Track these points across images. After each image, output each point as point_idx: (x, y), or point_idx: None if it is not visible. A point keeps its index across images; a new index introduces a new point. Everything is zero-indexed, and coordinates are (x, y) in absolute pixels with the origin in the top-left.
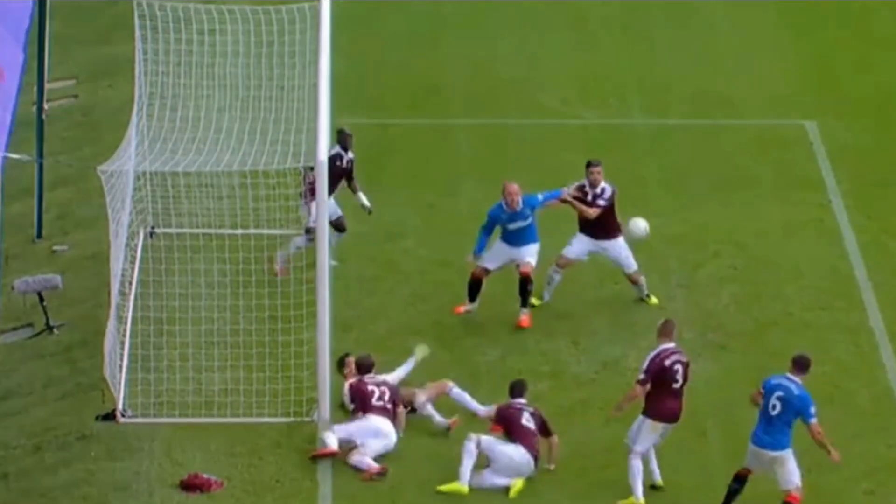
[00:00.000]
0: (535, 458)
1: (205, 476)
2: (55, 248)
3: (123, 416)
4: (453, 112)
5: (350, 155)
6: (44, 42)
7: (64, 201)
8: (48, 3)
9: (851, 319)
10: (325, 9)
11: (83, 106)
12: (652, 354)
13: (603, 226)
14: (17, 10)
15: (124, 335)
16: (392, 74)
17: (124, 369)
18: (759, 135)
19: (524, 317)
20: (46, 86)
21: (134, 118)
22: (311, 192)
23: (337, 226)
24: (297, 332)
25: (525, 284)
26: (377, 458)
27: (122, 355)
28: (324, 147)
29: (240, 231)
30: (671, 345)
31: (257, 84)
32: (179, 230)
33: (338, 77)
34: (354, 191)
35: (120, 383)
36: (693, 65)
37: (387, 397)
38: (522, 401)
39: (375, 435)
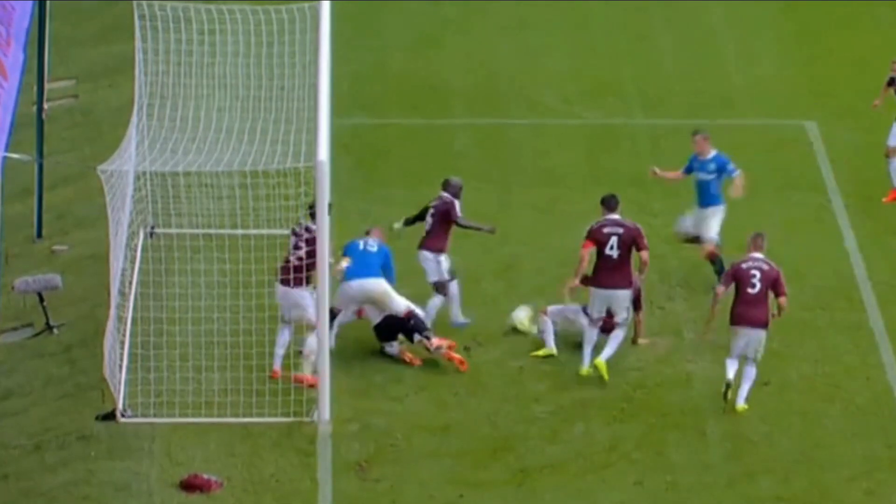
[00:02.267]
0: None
1: (205, 476)
2: (55, 248)
3: (123, 415)
4: (453, 112)
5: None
6: (44, 42)
7: (64, 201)
8: (48, 3)
9: (851, 319)
10: (325, 9)
11: (83, 106)
12: (734, 261)
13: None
14: (17, 10)
15: (124, 335)
16: (392, 74)
17: (124, 369)
18: (759, 135)
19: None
20: (46, 86)
21: (134, 118)
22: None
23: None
24: (296, 332)
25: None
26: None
27: (122, 355)
28: (324, 147)
29: (240, 231)
30: (757, 255)
31: (257, 84)
32: (179, 230)
33: (337, 77)
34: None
35: (120, 383)
36: (693, 65)
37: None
38: (616, 217)
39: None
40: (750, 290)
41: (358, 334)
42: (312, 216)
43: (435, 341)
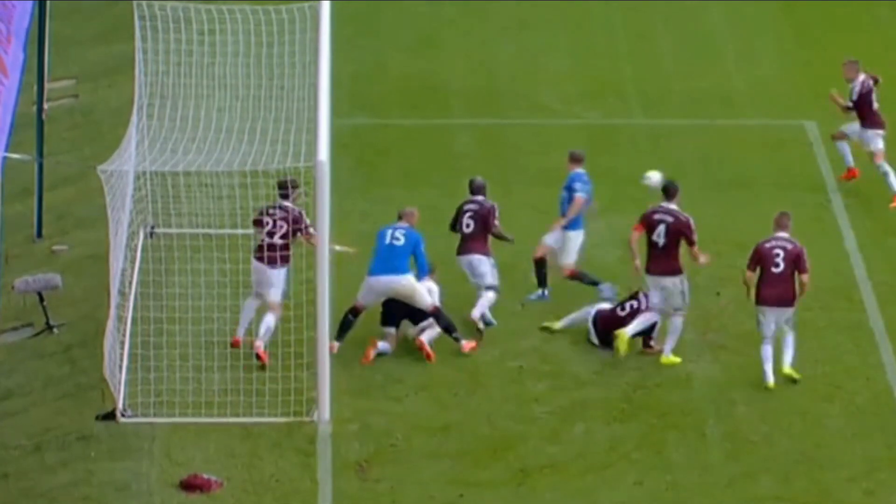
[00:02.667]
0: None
1: (205, 476)
2: (55, 248)
3: (123, 415)
4: (453, 112)
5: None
6: (44, 42)
7: (64, 201)
8: (48, 3)
9: (851, 319)
10: (325, 9)
11: (83, 106)
12: (759, 242)
13: None
14: (18, 8)
15: (124, 335)
16: (392, 74)
17: (124, 369)
18: (759, 135)
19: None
20: (46, 86)
21: (134, 118)
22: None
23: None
24: (297, 332)
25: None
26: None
27: (122, 355)
28: (324, 147)
29: (240, 231)
30: (781, 234)
31: (257, 84)
32: (179, 230)
33: (337, 77)
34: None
35: (120, 383)
36: (693, 65)
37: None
38: (671, 206)
39: None
40: (774, 270)
41: (358, 335)
42: (283, 196)
43: (464, 343)
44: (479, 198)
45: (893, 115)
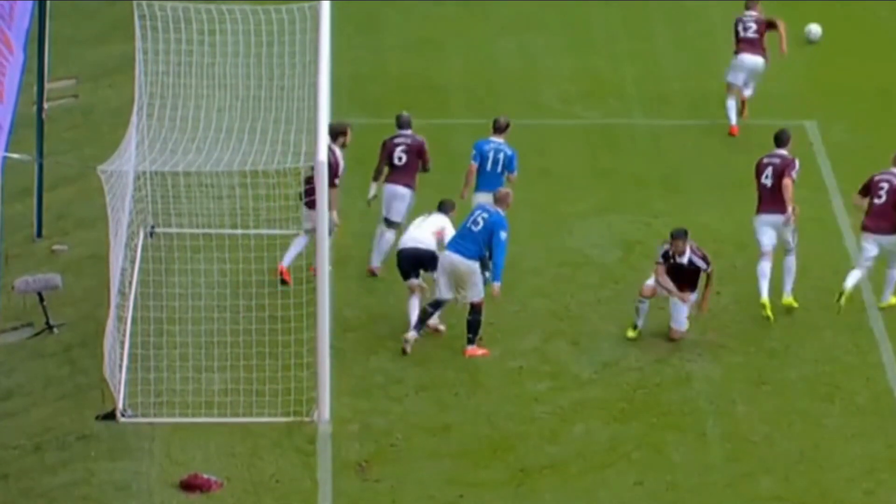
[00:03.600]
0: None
1: (205, 476)
2: (55, 248)
3: (123, 415)
4: (453, 112)
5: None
6: (44, 42)
7: (64, 201)
8: (48, 3)
9: (851, 319)
10: (325, 9)
11: (83, 106)
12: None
13: None
14: (18, 10)
15: (124, 335)
16: (392, 74)
17: (124, 369)
18: (760, 135)
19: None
20: (46, 86)
21: (134, 118)
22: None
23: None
24: (297, 332)
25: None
26: None
27: (122, 355)
28: (324, 147)
29: (240, 231)
30: (895, 169)
31: (257, 84)
32: (179, 230)
33: (337, 77)
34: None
35: (120, 383)
36: (693, 65)
37: None
38: (781, 151)
39: None
40: (876, 201)
41: (358, 335)
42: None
43: (473, 348)
44: (408, 132)
45: (892, 116)
